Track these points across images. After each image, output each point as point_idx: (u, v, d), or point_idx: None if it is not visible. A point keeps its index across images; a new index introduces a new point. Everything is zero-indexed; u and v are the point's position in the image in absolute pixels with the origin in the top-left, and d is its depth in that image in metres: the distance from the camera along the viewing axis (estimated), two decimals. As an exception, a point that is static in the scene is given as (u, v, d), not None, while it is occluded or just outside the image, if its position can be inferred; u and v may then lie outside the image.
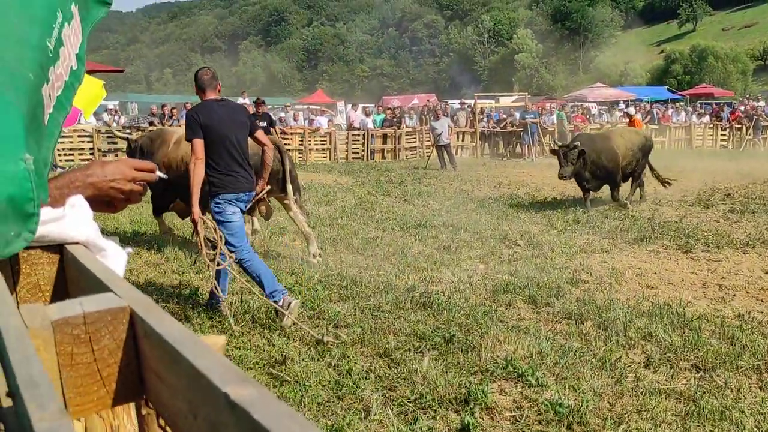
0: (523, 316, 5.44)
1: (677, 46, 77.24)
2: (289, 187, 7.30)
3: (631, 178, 11.72)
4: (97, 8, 1.49)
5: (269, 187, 6.44)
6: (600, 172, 11.02)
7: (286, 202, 7.45)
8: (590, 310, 5.45)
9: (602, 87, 42.55)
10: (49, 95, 1.18)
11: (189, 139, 5.22)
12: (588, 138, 11.81)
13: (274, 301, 5.11)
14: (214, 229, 5.13)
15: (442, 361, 4.39)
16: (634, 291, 6.19)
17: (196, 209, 5.11)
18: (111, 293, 0.77)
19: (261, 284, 5.21)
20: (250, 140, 5.60)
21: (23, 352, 0.60)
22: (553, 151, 11.37)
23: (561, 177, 10.79)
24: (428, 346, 4.66)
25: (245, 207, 5.53)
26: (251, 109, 16.22)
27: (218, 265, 5.09)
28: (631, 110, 19.12)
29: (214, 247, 5.12)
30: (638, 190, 11.95)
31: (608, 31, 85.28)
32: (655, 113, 27.60)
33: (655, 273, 6.83)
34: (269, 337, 4.90)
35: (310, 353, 4.56)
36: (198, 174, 5.13)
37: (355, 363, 4.36)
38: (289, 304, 5.11)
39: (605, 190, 11.46)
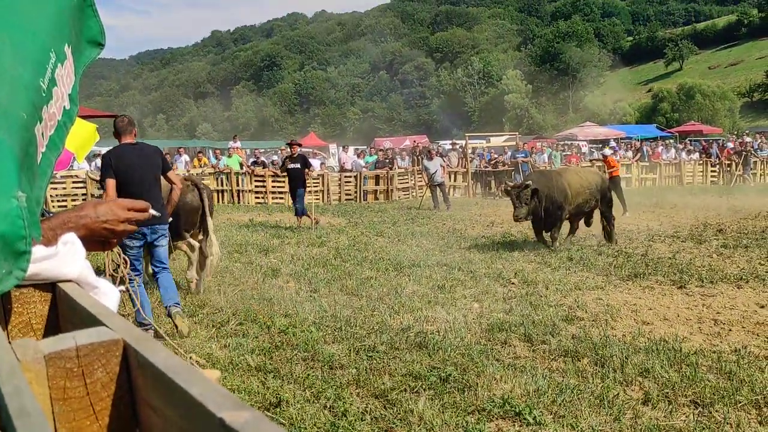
0: (519, 354, 5.40)
1: (665, 84, 78.30)
2: (209, 220, 7.78)
3: (586, 218, 11.64)
4: (90, 49, 1.50)
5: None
6: (551, 209, 10.69)
7: (200, 237, 7.91)
8: (586, 347, 5.42)
9: (592, 126, 43.01)
10: (42, 134, 1.18)
11: (101, 180, 5.93)
12: (539, 175, 11.64)
13: (145, 328, 5.57)
14: (119, 254, 5.42)
15: (439, 401, 4.35)
16: (629, 327, 6.17)
17: None
18: (104, 327, 0.76)
19: (143, 308, 5.68)
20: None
21: (14, 384, 0.60)
22: (506, 192, 10.98)
23: (516, 219, 10.61)
24: (424, 386, 4.62)
25: (150, 238, 6.13)
26: (285, 151, 16.48)
27: (122, 283, 5.40)
28: (607, 151, 20.34)
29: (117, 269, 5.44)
30: (608, 230, 11.40)
31: (596, 71, 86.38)
32: (645, 151, 27.83)
33: (650, 309, 6.81)
34: (263, 379, 4.85)
35: (305, 395, 4.51)
36: None
37: (351, 404, 4.31)
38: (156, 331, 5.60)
39: (597, 227, 11.49)
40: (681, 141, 36.10)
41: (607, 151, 19.93)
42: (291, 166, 14.33)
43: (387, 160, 23.69)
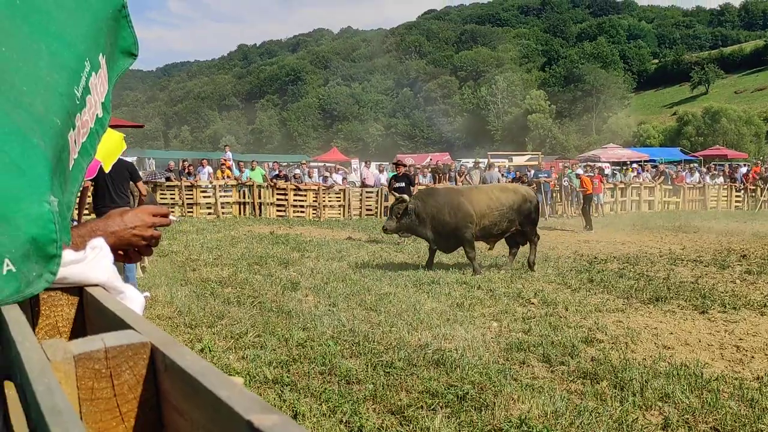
0: (537, 375, 5.36)
1: (690, 108, 77.84)
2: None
3: (512, 239, 11.17)
4: (123, 59, 1.53)
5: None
6: (444, 229, 10.26)
7: None
8: (606, 370, 5.37)
9: (615, 147, 42.83)
10: (75, 141, 1.21)
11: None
12: (428, 193, 11.13)
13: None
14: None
15: (455, 420, 4.32)
16: (650, 351, 6.10)
17: None
18: (131, 330, 0.77)
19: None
20: None
21: (46, 383, 0.61)
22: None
23: (383, 230, 10.65)
24: (441, 404, 4.59)
25: None
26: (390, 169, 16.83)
27: None
28: (579, 171, 22.33)
29: None
30: (536, 245, 11.05)
31: (621, 93, 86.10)
32: (668, 174, 27.63)
33: (672, 333, 6.74)
34: (280, 392, 4.85)
35: (322, 409, 4.51)
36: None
37: (367, 420, 4.30)
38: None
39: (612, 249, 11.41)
40: (705, 165, 35.81)
41: (580, 171, 21.95)
42: (396, 185, 14.39)
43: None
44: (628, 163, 35.47)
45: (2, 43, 1.06)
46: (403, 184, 14.49)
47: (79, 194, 1.29)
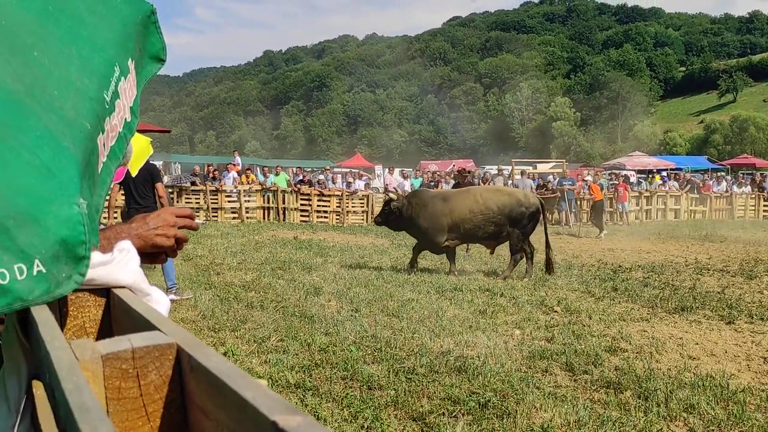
0: (560, 383, 5.32)
1: (717, 116, 77.05)
2: None
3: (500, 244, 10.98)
4: (152, 64, 1.55)
5: None
6: (418, 232, 10.64)
7: None
8: (630, 380, 5.32)
9: (641, 155, 42.49)
10: (104, 144, 1.23)
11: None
12: (414, 194, 11.37)
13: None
14: None
15: (477, 427, 4.30)
16: (675, 361, 6.03)
17: None
18: (158, 331, 0.78)
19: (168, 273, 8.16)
20: None
21: (74, 382, 0.62)
22: None
23: (374, 221, 11.72)
24: (462, 411, 4.57)
25: None
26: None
27: None
28: (588, 177, 23.16)
29: None
30: (516, 262, 10.80)
31: (647, 101, 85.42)
32: (694, 182, 27.34)
33: (697, 344, 6.66)
34: (302, 396, 4.86)
35: (343, 414, 4.51)
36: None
37: (389, 426, 4.30)
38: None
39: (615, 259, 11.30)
40: (733, 174, 35.38)
41: (589, 178, 22.52)
42: None
43: (432, 183, 23.72)
44: (654, 171, 35.15)
45: (35, 48, 1.09)
46: None
47: (107, 197, 1.32)
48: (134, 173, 7.67)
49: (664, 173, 31.29)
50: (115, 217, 9.62)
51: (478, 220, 10.42)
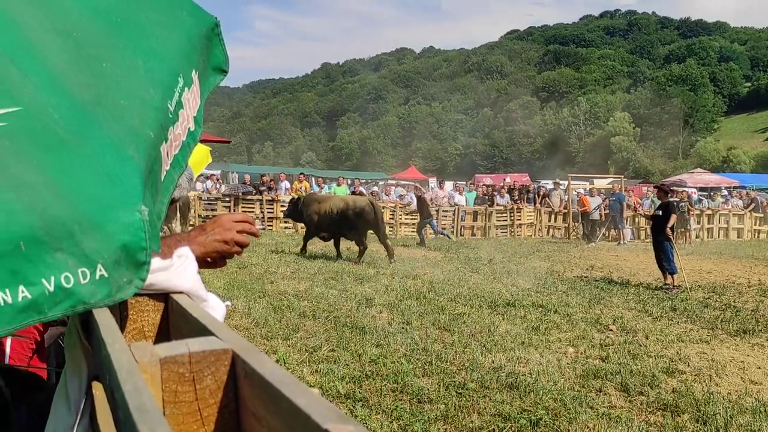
0: (614, 404, 5.21)
1: (784, 133, 74.61)
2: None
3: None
4: (215, 75, 1.59)
5: None
6: (303, 221, 14.51)
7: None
8: (687, 403, 5.17)
9: (703, 173, 41.43)
10: (167, 153, 1.26)
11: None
12: (310, 196, 15.22)
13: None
14: None
15: (528, 445, 4.24)
16: (735, 385, 5.84)
17: None
18: (214, 336, 0.80)
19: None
20: None
21: (134, 383, 0.64)
22: None
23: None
24: (513, 429, 4.52)
25: None
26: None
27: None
28: (581, 190, 24.29)
29: None
30: (362, 253, 13.47)
31: (710, 117, 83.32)
32: (759, 201, 26.45)
33: (759, 368, 6.44)
34: (352, 407, 4.87)
35: (392, 427, 4.50)
36: None
37: (438, 440, 4.27)
38: None
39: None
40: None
41: (581, 190, 23.94)
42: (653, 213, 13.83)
43: (486, 197, 23.56)
44: (718, 189, 34.21)
45: (104, 59, 1.12)
46: (660, 213, 11.99)
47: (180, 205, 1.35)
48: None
49: (725, 192, 30.40)
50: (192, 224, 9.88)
51: (327, 218, 13.51)
